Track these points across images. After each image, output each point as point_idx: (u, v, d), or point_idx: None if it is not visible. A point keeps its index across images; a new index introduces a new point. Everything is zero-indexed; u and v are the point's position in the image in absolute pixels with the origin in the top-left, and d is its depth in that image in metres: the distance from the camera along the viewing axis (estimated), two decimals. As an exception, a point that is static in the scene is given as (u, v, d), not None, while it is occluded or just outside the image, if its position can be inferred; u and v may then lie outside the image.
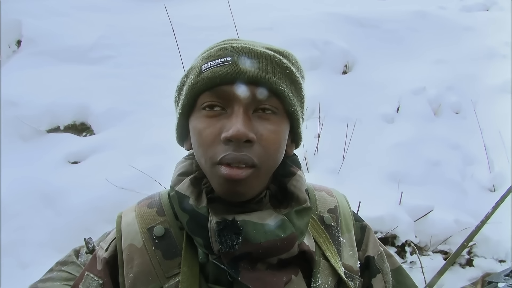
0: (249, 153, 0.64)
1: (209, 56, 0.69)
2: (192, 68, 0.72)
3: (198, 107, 0.68)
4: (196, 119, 0.69)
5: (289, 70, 0.70)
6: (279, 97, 0.67)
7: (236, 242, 0.63)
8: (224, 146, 0.64)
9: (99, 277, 0.72)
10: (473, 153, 3.63)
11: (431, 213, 2.85)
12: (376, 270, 0.81)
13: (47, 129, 3.23)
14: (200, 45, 0.81)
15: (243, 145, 0.63)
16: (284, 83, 0.68)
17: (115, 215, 0.79)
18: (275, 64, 0.68)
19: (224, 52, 0.68)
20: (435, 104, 4.12)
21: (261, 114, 0.67)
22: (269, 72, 0.66)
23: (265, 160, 0.66)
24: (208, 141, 0.66)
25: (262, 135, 0.65)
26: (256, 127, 0.65)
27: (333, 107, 3.66)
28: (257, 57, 0.67)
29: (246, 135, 0.62)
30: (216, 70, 0.66)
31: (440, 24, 5.55)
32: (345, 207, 0.86)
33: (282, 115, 0.69)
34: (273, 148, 0.67)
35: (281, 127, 0.69)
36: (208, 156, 0.66)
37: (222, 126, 0.65)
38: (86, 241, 0.85)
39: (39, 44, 3.98)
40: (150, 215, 0.75)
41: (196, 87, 0.67)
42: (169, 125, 1.28)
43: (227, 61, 0.66)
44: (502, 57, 5.08)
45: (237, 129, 0.62)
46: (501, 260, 2.93)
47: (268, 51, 0.69)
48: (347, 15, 5.16)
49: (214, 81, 0.65)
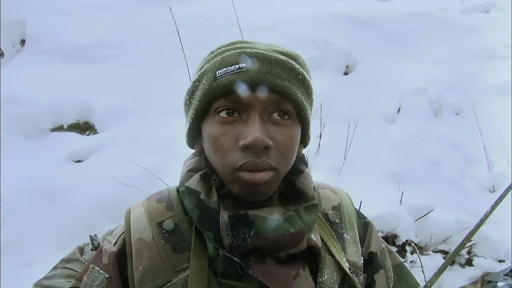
0: (268, 158, 0.65)
1: (223, 61, 0.69)
2: (205, 73, 0.71)
3: (212, 112, 0.69)
4: (210, 124, 0.69)
5: (301, 76, 0.71)
6: (293, 103, 0.69)
7: (249, 235, 0.64)
8: (242, 153, 0.65)
9: (105, 270, 0.73)
10: (473, 153, 3.64)
11: (432, 213, 2.86)
12: (378, 266, 0.83)
13: (51, 128, 3.23)
14: (204, 44, 0.81)
15: (261, 151, 0.64)
16: (298, 88, 0.70)
17: (119, 213, 0.79)
18: (289, 70, 0.69)
19: (238, 58, 0.68)
20: (435, 104, 4.14)
21: (275, 120, 0.68)
22: (283, 78, 0.68)
23: (282, 164, 0.68)
24: (225, 147, 0.66)
25: (278, 141, 0.67)
26: (272, 132, 0.66)
27: (335, 107, 3.67)
28: (272, 64, 0.68)
29: (264, 143, 0.63)
30: (232, 77, 0.66)
31: (441, 25, 5.55)
32: (349, 205, 0.87)
33: (295, 119, 0.70)
34: (289, 152, 0.69)
35: (295, 132, 0.70)
36: (226, 162, 0.67)
37: (238, 133, 0.66)
38: (92, 238, 0.86)
39: (42, 43, 3.99)
40: (159, 210, 0.75)
41: (211, 93, 0.68)
42: (173, 123, 1.30)
43: (242, 67, 0.67)
44: (502, 58, 5.10)
45: (255, 136, 0.63)
46: (500, 260, 2.94)
47: (282, 57, 0.70)
48: (349, 15, 5.16)
49: (230, 88, 0.66)
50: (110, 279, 0.72)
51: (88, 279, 0.73)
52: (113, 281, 0.72)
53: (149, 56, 4.01)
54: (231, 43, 0.75)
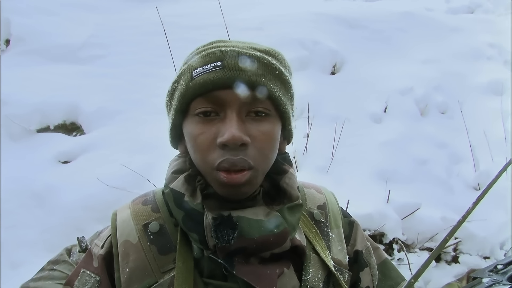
0: (245, 156, 0.66)
1: (199, 61, 0.70)
2: (183, 74, 0.72)
3: (191, 112, 0.70)
4: (190, 124, 0.70)
5: (278, 71, 0.71)
6: (270, 98, 0.69)
7: (232, 237, 0.65)
8: (220, 151, 0.66)
9: (96, 273, 0.73)
10: (459, 152, 3.69)
11: (418, 211, 2.90)
12: (364, 264, 0.84)
13: (37, 129, 3.20)
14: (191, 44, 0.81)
15: (239, 148, 0.65)
16: (275, 84, 0.70)
17: (107, 214, 0.79)
18: (265, 66, 0.70)
19: (213, 56, 0.69)
20: (422, 104, 4.18)
21: (253, 117, 0.68)
22: (259, 75, 0.68)
23: (261, 161, 0.69)
24: (204, 146, 0.67)
25: (256, 137, 0.67)
26: (250, 129, 0.67)
27: (322, 107, 3.69)
28: (247, 60, 0.68)
29: (241, 139, 0.64)
30: (207, 76, 0.67)
31: (427, 25, 5.62)
32: (334, 204, 0.88)
33: (274, 115, 0.71)
34: (267, 148, 0.69)
35: (274, 127, 0.71)
36: (205, 161, 0.68)
37: (216, 131, 0.66)
38: (79, 240, 0.85)
39: (28, 43, 3.94)
40: (145, 212, 0.76)
41: (188, 94, 0.69)
42: (160, 123, 1.30)
43: (217, 66, 0.67)
44: (487, 58, 5.19)
45: (231, 133, 0.63)
46: (485, 256, 2.99)
47: (257, 53, 0.71)
48: (336, 15, 5.19)
49: (206, 87, 0.67)
50: (101, 282, 0.72)
51: (79, 283, 0.73)
52: (104, 284, 0.72)
53: (136, 56, 3.99)
54: (210, 43, 0.75)
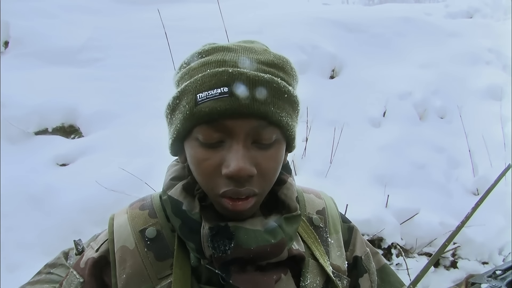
0: (251, 185, 0.65)
1: (204, 83, 0.65)
2: (185, 92, 0.67)
3: (194, 135, 0.66)
4: (192, 148, 0.67)
5: (287, 94, 0.68)
6: (278, 126, 0.67)
7: (229, 247, 0.64)
8: (225, 180, 0.64)
9: (81, 275, 0.72)
10: (457, 156, 3.69)
11: (417, 216, 2.89)
12: (363, 270, 0.84)
13: (35, 131, 3.19)
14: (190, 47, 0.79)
15: (245, 179, 0.64)
16: (284, 110, 0.67)
17: (104, 217, 0.78)
18: (274, 91, 0.66)
19: (220, 80, 0.64)
20: (420, 108, 4.19)
21: (260, 145, 0.66)
22: (268, 103, 0.65)
23: (265, 186, 0.68)
24: (207, 172, 0.65)
25: (261, 165, 0.65)
26: (256, 157, 0.65)
27: (321, 111, 3.69)
28: (255, 86, 0.64)
29: (247, 172, 0.62)
30: (213, 104, 0.63)
31: (426, 30, 5.64)
32: (333, 209, 0.87)
33: (280, 138, 0.69)
34: (273, 173, 0.68)
35: (279, 152, 0.69)
36: (209, 186, 0.66)
37: (221, 159, 0.64)
38: (76, 242, 0.85)
39: (27, 45, 3.93)
40: (142, 217, 0.75)
41: (192, 119, 0.65)
42: (159, 127, 1.29)
43: (224, 92, 0.63)
44: (485, 63, 5.20)
45: (238, 166, 0.61)
46: (484, 262, 2.99)
47: (266, 76, 0.66)
48: (335, 19, 5.21)
49: (212, 116, 0.63)
50: (84, 284, 0.71)
51: (66, 283, 0.73)
52: (87, 286, 0.71)
53: (135, 59, 3.99)
54: (211, 49, 0.71)
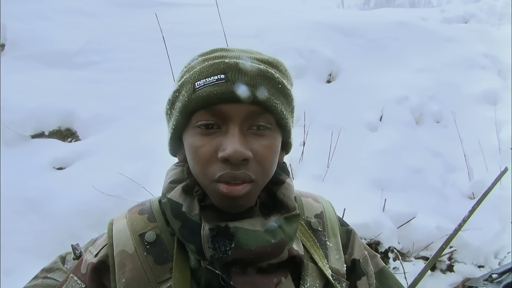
0: (246, 170, 0.65)
1: (202, 72, 0.69)
2: (184, 84, 0.71)
3: (193, 124, 0.69)
4: (190, 135, 0.69)
5: (281, 85, 0.71)
6: (272, 113, 0.69)
7: (229, 248, 0.65)
8: (221, 164, 0.65)
9: (82, 280, 0.72)
10: (453, 161, 3.71)
11: (414, 220, 2.90)
12: (361, 273, 0.84)
13: (32, 135, 3.18)
14: (188, 51, 0.80)
15: (240, 163, 0.65)
16: (278, 98, 0.70)
17: (101, 221, 0.79)
18: (268, 80, 0.69)
19: (217, 68, 0.68)
20: (417, 113, 4.21)
21: (255, 131, 0.68)
22: (263, 90, 0.68)
23: (261, 175, 0.69)
24: (204, 159, 0.67)
25: (257, 152, 0.67)
26: (251, 143, 0.67)
27: (318, 115, 3.70)
28: (251, 74, 0.68)
29: (243, 155, 0.64)
30: (210, 89, 0.66)
31: (422, 35, 5.67)
32: (331, 213, 0.88)
33: (275, 129, 0.71)
34: (268, 162, 0.69)
35: (275, 141, 0.70)
36: (205, 173, 0.67)
37: (218, 144, 0.66)
38: (73, 247, 0.84)
39: (23, 48, 3.93)
40: (141, 222, 0.75)
41: (190, 106, 0.68)
42: (156, 131, 1.30)
43: (221, 79, 0.66)
44: (481, 68, 5.23)
45: (234, 149, 0.63)
46: (480, 265, 3.00)
47: (261, 66, 0.70)
48: (332, 24, 5.23)
49: (209, 100, 0.66)
50: None
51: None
52: None
53: (132, 62, 3.99)
54: (212, 50, 0.75)
